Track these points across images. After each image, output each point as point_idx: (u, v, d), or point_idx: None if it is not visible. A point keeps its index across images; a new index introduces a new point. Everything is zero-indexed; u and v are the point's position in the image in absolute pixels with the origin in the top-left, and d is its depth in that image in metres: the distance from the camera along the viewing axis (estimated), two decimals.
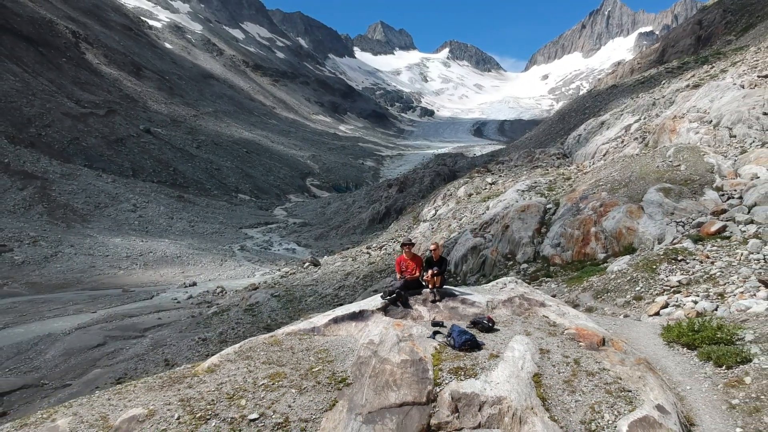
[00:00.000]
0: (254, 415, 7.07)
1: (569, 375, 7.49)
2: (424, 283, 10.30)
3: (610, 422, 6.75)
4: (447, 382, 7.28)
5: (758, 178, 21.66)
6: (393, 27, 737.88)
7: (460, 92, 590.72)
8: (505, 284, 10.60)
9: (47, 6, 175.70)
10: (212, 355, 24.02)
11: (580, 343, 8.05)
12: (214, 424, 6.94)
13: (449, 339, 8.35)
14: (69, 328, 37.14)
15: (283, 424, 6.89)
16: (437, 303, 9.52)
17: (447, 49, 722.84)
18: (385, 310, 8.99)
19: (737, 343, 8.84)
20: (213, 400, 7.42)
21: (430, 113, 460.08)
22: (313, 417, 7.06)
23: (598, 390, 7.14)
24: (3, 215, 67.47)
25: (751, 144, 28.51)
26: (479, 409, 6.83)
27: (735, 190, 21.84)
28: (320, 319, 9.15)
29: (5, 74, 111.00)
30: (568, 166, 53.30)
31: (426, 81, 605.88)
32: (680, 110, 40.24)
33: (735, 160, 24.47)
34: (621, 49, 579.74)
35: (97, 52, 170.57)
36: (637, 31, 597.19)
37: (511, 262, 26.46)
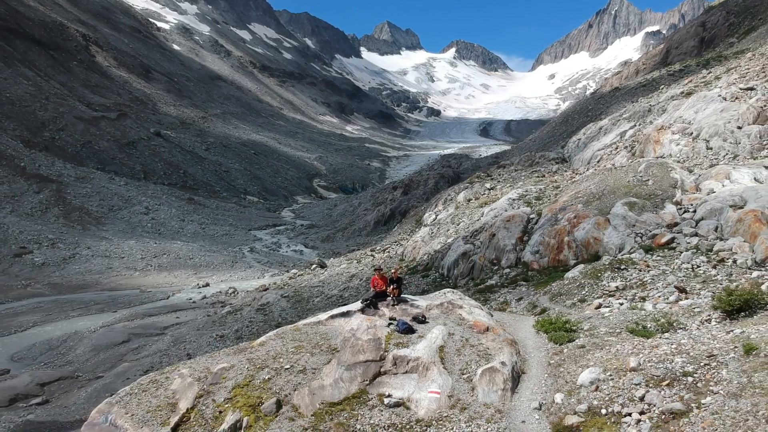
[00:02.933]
0: (287, 366, 12.16)
1: (460, 346, 12.58)
2: (388, 294, 14.77)
3: (473, 369, 11.75)
4: (392, 350, 12.38)
5: (713, 192, 23.70)
6: (400, 27, 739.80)
7: (466, 92, 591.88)
8: (444, 294, 15.22)
9: (58, 9, 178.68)
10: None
11: (474, 330, 13.02)
12: (266, 370, 12.04)
13: (397, 327, 13.27)
14: (94, 326, 39.87)
15: (303, 371, 11.99)
16: (395, 306, 14.37)
17: (454, 49, 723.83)
18: (363, 310, 14.20)
19: (577, 331, 13.01)
20: (265, 359, 12.48)
21: (437, 113, 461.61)
22: (319, 367, 12.14)
23: (473, 354, 12.28)
24: (21, 218, 70.02)
25: (724, 156, 30.60)
26: (407, 363, 11.98)
27: (691, 205, 24.01)
28: (323, 316, 14.42)
29: (19, 78, 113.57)
30: (565, 171, 55.31)
31: (432, 81, 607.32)
32: (668, 120, 42.29)
33: (699, 175, 26.54)
34: (628, 49, 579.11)
35: (106, 54, 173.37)
36: (644, 30, 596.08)
37: (496, 267, 28.90)
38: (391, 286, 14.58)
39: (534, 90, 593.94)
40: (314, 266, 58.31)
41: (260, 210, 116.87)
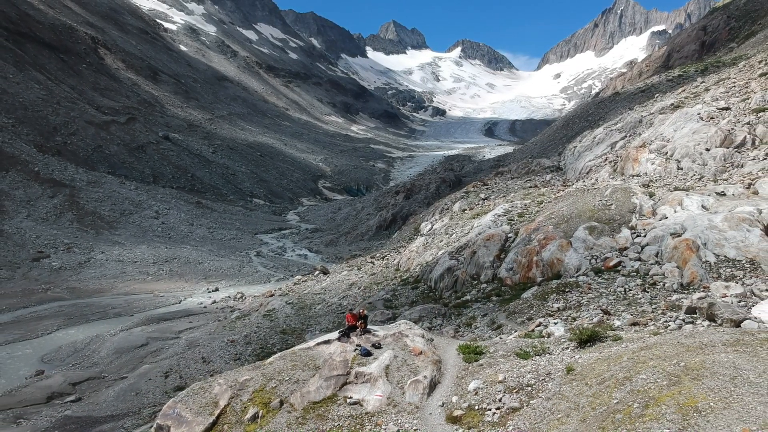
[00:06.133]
0: (287, 378, 16.50)
1: (400, 365, 16.67)
2: (357, 327, 18.73)
3: (405, 381, 15.96)
4: (355, 368, 16.57)
5: (666, 218, 26.19)
6: (405, 26, 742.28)
7: (472, 91, 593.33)
8: (398, 325, 19.44)
9: (67, 12, 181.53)
10: (240, 354, 32.65)
11: (412, 354, 17.33)
12: (273, 381, 16.45)
13: (360, 352, 17.34)
14: (114, 330, 42.99)
15: (297, 381, 16.36)
16: (362, 336, 18.24)
17: (459, 48, 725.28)
18: (339, 339, 18.23)
19: (484, 353, 17.15)
20: (272, 373, 16.83)
21: (442, 113, 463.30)
22: (307, 379, 16.41)
23: (407, 370, 16.53)
24: (37, 222, 72.80)
25: (692, 177, 33.13)
26: (364, 377, 16.18)
27: (643, 230, 26.46)
28: (311, 343, 18.87)
29: (31, 83, 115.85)
30: (557, 180, 57.80)
31: (438, 80, 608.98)
32: (651, 136, 44.76)
33: (659, 199, 28.89)
34: (634, 48, 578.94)
35: (114, 57, 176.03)
36: (650, 29, 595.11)
37: (476, 282, 31.62)
38: (359, 321, 18.56)
39: (539, 89, 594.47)
40: (317, 272, 60.91)
41: (266, 213, 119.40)
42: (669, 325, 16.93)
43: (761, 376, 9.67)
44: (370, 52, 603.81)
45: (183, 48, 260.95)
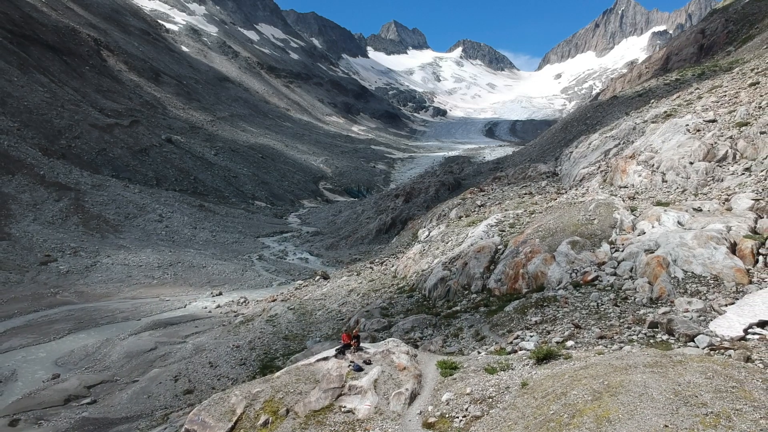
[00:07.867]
0: (292, 390, 18.60)
1: (386, 379, 18.59)
2: (351, 345, 20.70)
3: (390, 392, 17.91)
4: (349, 381, 18.50)
5: (644, 233, 27.65)
6: (406, 26, 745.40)
7: (472, 92, 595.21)
8: (387, 343, 21.42)
9: (69, 14, 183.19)
10: (245, 359, 35.83)
11: (397, 369, 19.29)
12: (281, 392, 18.57)
13: (353, 367, 19.19)
14: (123, 334, 44.81)
15: (300, 393, 18.43)
16: (355, 353, 20.12)
17: (460, 48, 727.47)
18: (336, 356, 20.18)
19: (459, 368, 19.10)
20: (280, 386, 18.92)
21: (443, 113, 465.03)
22: (309, 391, 18.42)
23: (392, 384, 18.41)
24: (44, 226, 74.28)
25: (675, 190, 34.51)
26: (356, 389, 18.12)
27: (622, 245, 27.81)
28: (312, 359, 20.90)
29: (35, 86, 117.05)
30: (552, 187, 59.17)
31: (439, 80, 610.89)
32: (641, 146, 46.16)
33: (639, 214, 30.42)
34: (634, 48, 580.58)
35: (117, 58, 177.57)
36: (651, 30, 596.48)
37: (466, 291, 33.32)
38: (353, 341, 20.62)
39: (540, 89, 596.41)
40: (318, 277, 62.39)
41: (267, 216, 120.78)
42: (632, 339, 18.51)
43: (662, 394, 11.95)
44: (371, 52, 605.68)
45: (184, 49, 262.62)
